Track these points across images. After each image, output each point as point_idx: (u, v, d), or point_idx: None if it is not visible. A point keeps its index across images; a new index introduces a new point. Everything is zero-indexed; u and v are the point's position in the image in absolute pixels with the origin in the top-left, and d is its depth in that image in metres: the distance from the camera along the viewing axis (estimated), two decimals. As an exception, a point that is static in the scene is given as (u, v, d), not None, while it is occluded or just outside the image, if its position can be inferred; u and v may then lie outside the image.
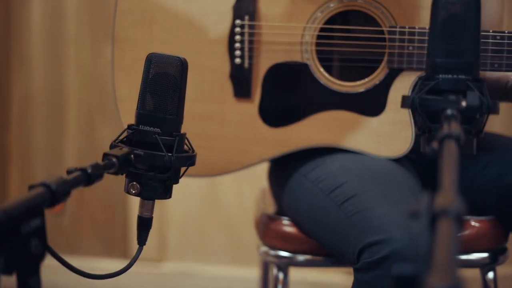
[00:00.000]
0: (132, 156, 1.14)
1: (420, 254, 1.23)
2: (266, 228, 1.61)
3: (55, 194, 0.91)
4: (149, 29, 1.56)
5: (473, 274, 1.58)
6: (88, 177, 1.01)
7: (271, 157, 1.55)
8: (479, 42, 1.13)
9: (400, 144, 1.49)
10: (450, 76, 1.12)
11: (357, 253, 1.30)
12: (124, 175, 1.18)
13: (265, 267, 2.03)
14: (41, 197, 0.90)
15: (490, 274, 1.56)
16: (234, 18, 1.53)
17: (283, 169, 1.60)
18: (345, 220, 1.36)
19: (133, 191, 1.19)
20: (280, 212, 1.64)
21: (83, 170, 1.01)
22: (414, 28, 1.45)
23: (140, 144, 1.17)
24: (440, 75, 1.12)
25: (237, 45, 1.54)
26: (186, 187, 2.69)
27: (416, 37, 1.45)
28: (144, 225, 1.22)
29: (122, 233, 2.79)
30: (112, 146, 1.19)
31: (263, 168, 1.77)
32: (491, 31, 1.42)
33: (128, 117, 1.56)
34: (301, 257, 1.56)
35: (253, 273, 2.63)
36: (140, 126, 1.19)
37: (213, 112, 1.55)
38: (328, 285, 2.69)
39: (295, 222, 1.57)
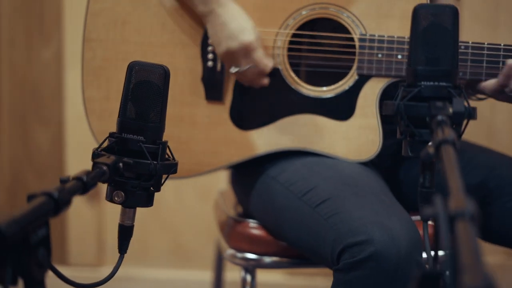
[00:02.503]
0: (120, 164, 1.13)
1: (401, 254, 1.28)
2: (232, 231, 1.62)
3: (58, 202, 0.91)
4: (121, 30, 1.55)
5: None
6: (84, 185, 1.00)
7: (241, 160, 1.57)
8: (457, 51, 1.18)
9: (368, 148, 1.53)
10: (431, 83, 1.16)
11: (336, 254, 1.33)
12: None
13: (218, 269, 2.05)
14: (45, 207, 0.90)
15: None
16: None
17: (249, 171, 1.62)
18: (322, 222, 1.38)
19: (118, 199, 1.19)
20: (245, 214, 1.65)
21: (78, 178, 1.00)
22: (383, 36, 1.49)
23: (124, 152, 1.16)
24: (422, 83, 1.16)
25: (210, 48, 1.55)
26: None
27: (385, 45, 1.49)
28: (126, 233, 1.22)
29: (59, 240, 2.74)
30: (95, 155, 1.18)
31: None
32: None
33: (96, 118, 1.56)
34: (268, 259, 1.59)
35: (196, 275, 2.68)
36: (123, 134, 1.18)
37: (184, 115, 1.55)
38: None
39: (264, 225, 1.59)
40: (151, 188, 1.20)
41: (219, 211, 1.79)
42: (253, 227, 1.60)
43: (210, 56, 1.55)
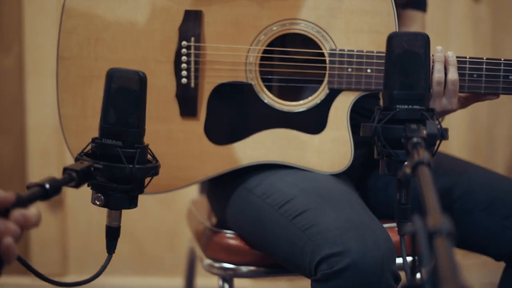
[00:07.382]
0: (92, 169, 1.17)
1: (378, 264, 1.32)
2: (209, 241, 1.67)
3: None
4: (94, 48, 1.58)
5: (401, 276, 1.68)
6: (45, 192, 1.02)
7: (217, 174, 1.60)
8: (429, 76, 1.28)
9: (341, 160, 1.57)
10: (406, 106, 1.25)
11: (314, 265, 1.37)
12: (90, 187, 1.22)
13: (189, 276, 2.12)
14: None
15: (417, 276, 1.66)
16: (180, 39, 1.58)
17: (225, 183, 1.65)
18: (299, 234, 1.42)
19: (98, 202, 1.24)
20: (221, 224, 1.70)
21: (40, 185, 1.02)
22: (353, 51, 1.55)
23: (103, 157, 1.20)
24: (398, 106, 1.25)
25: (183, 65, 1.59)
26: (85, 198, 2.72)
27: (355, 60, 1.55)
28: (113, 234, 1.28)
29: (21, 250, 2.70)
30: (76, 160, 1.22)
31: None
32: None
33: (73, 135, 1.58)
34: (245, 269, 1.63)
35: (160, 282, 2.71)
36: (103, 139, 1.22)
37: (160, 130, 1.59)
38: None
39: (241, 236, 1.63)
40: (131, 190, 1.23)
41: (194, 221, 1.83)
42: (230, 237, 1.65)
43: (183, 73, 1.59)
